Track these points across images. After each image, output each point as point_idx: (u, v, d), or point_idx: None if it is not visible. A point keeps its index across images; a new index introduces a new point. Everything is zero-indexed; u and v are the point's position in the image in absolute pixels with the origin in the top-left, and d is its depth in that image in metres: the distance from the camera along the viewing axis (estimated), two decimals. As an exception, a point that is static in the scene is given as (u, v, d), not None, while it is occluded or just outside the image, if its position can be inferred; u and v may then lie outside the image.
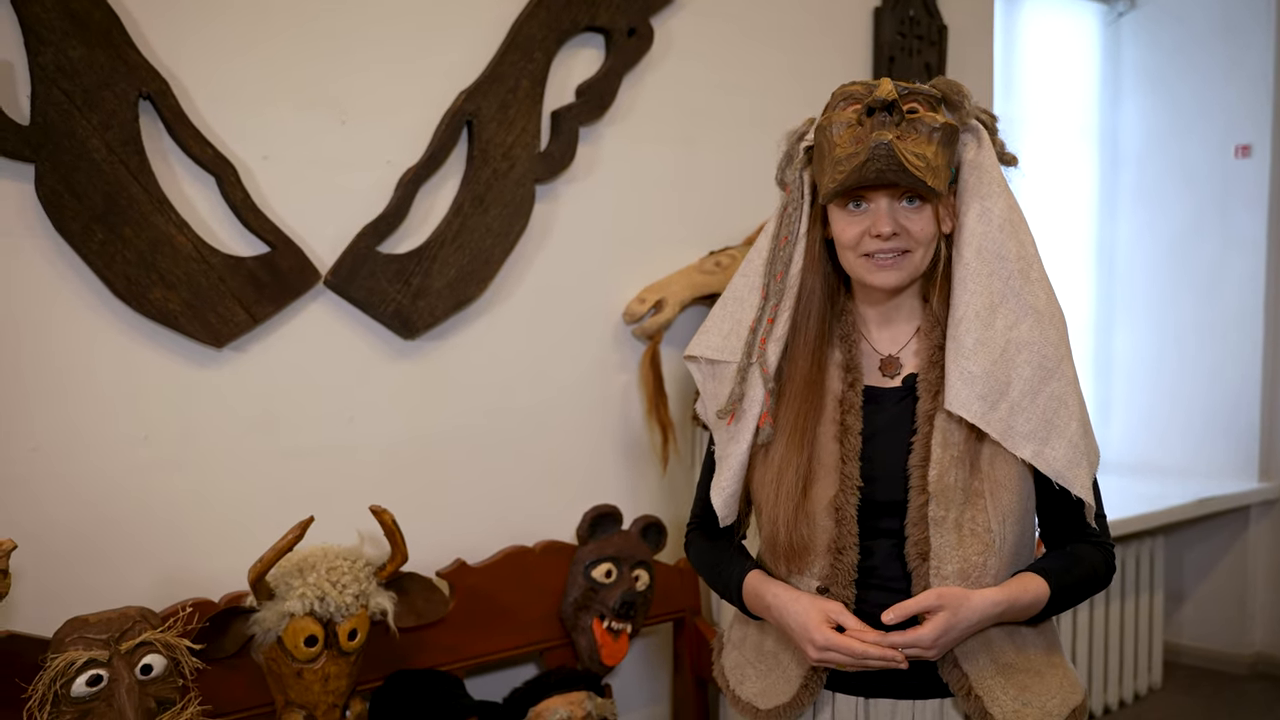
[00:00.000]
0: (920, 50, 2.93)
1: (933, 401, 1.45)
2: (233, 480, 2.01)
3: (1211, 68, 4.00)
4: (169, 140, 1.91)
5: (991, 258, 1.44)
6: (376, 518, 1.86)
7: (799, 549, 1.45)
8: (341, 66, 2.08)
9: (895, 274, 1.44)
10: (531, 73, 2.26)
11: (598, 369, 2.43)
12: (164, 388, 1.94)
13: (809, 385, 1.48)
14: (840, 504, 1.44)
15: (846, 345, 1.51)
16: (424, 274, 2.16)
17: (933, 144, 1.39)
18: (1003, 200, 1.46)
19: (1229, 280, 4.01)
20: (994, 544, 1.42)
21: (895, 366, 1.51)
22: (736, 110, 2.61)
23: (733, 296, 1.57)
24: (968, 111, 1.46)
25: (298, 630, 1.78)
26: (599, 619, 2.24)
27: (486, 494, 2.30)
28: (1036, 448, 1.41)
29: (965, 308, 1.43)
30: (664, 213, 2.51)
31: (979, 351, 1.41)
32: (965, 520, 1.42)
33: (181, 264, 1.91)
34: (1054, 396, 1.42)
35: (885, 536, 1.45)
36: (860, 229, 1.43)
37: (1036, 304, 1.44)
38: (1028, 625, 1.50)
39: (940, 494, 1.41)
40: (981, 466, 1.43)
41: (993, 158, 1.48)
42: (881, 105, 1.37)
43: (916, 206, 1.42)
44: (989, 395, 1.41)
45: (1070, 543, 1.52)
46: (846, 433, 1.46)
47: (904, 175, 1.35)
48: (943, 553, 1.41)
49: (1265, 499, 3.96)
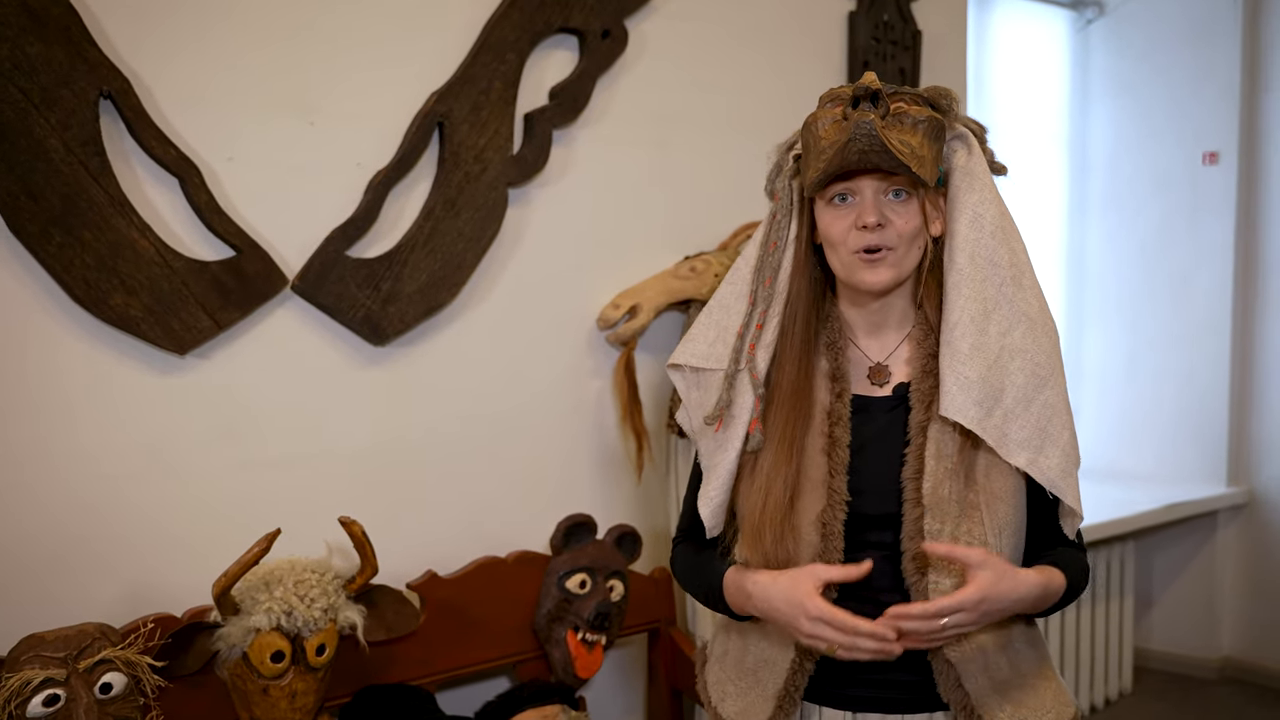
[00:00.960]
0: (894, 55, 2.92)
1: (925, 412, 1.43)
2: (196, 491, 1.96)
3: (1180, 75, 4.02)
4: (130, 141, 1.86)
5: (984, 264, 1.42)
6: (345, 529, 1.82)
7: (784, 563, 1.42)
8: (310, 66, 2.04)
9: (882, 272, 1.40)
10: (504, 74, 2.23)
11: (571, 375, 2.40)
12: (125, 396, 1.89)
13: (796, 394, 1.45)
14: (827, 519, 1.41)
15: (833, 353, 1.49)
16: (394, 279, 2.12)
17: (918, 134, 1.37)
18: (994, 207, 1.44)
19: (1198, 287, 4.03)
20: None
21: (884, 374, 1.48)
22: (711, 113, 2.59)
23: (719, 304, 1.55)
24: (955, 116, 1.45)
25: (264, 646, 1.73)
26: (573, 630, 2.21)
27: (458, 503, 2.27)
28: (1031, 456, 1.39)
29: (960, 313, 1.41)
30: (638, 217, 2.49)
31: (974, 357, 1.39)
32: (961, 534, 1.39)
33: (143, 268, 1.86)
34: (1047, 405, 1.41)
35: (875, 549, 1.42)
36: (847, 222, 1.41)
37: (1029, 311, 1.42)
38: (1020, 638, 1.48)
39: (935, 507, 1.39)
40: (977, 478, 1.41)
41: (983, 164, 1.46)
42: (865, 94, 1.35)
43: (903, 200, 1.40)
44: (984, 401, 1.38)
45: (1052, 547, 1.50)
46: (834, 445, 1.44)
47: (887, 157, 1.32)
48: (940, 566, 1.38)
49: (1233, 504, 3.98)
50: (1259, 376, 3.98)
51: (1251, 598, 3.98)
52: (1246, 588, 4.00)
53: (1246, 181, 3.96)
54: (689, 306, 2.45)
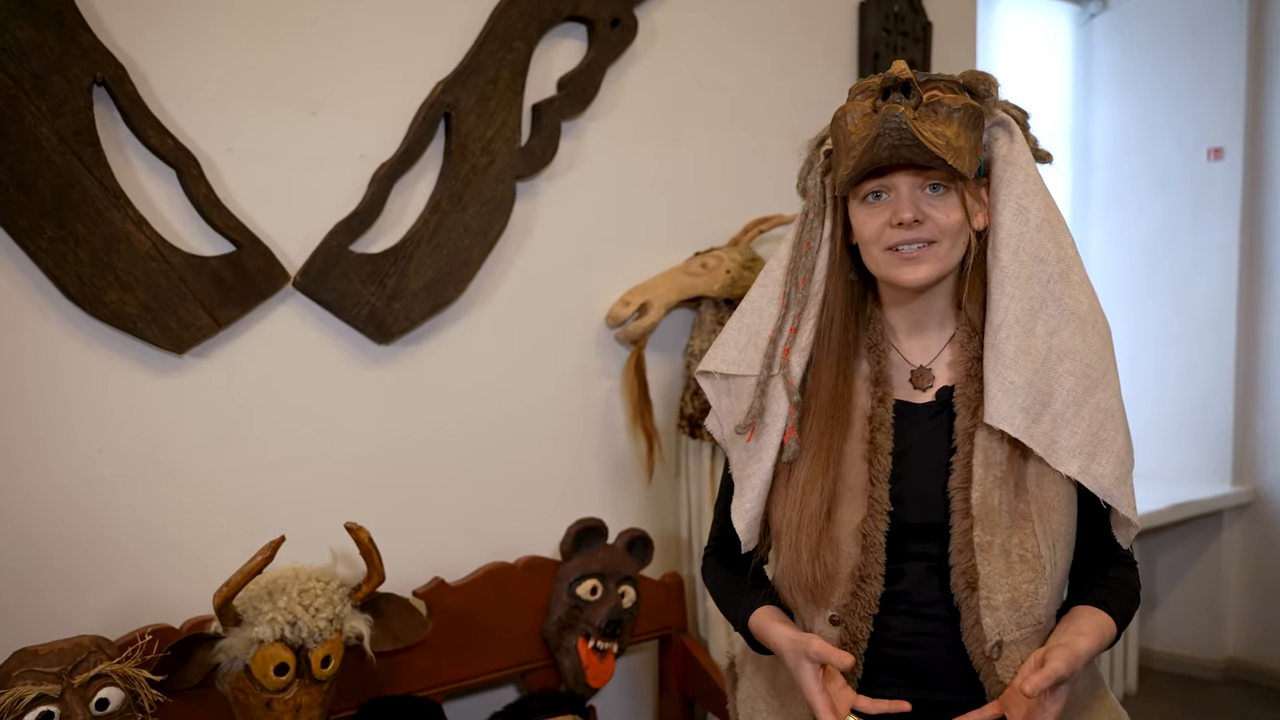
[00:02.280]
0: (905, 47, 2.87)
1: (972, 418, 1.36)
2: (196, 496, 1.89)
3: (1184, 69, 3.99)
4: (126, 130, 1.79)
5: (1030, 260, 1.35)
6: (352, 536, 1.76)
7: (820, 579, 1.36)
8: (312, 54, 1.97)
9: (923, 268, 1.34)
10: (512, 63, 2.16)
11: (580, 375, 2.34)
12: (121, 397, 1.81)
13: (835, 400, 1.40)
14: (868, 530, 1.36)
15: (875, 356, 1.43)
16: (399, 275, 2.05)
17: (953, 124, 1.30)
18: (1040, 199, 1.38)
19: (1201, 285, 4.00)
20: (1044, 570, 1.34)
21: (928, 379, 1.42)
22: (722, 105, 2.53)
23: (750, 308, 1.49)
24: (995, 101, 1.39)
25: (267, 658, 1.67)
26: (584, 638, 2.15)
27: (465, 508, 2.20)
28: (1083, 463, 1.33)
29: (1004, 313, 1.34)
30: (649, 212, 2.43)
31: (1020, 360, 1.33)
32: (1013, 546, 1.33)
33: (139, 264, 1.78)
34: (1100, 408, 1.35)
35: (918, 560, 1.37)
36: (881, 220, 1.35)
37: (1079, 310, 1.36)
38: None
39: (985, 517, 1.32)
40: (1028, 487, 1.34)
41: (1027, 153, 1.40)
42: (895, 84, 1.29)
43: (941, 194, 1.34)
44: (1031, 407, 1.32)
45: (1103, 565, 1.44)
46: (876, 452, 1.38)
47: (920, 151, 1.27)
48: (991, 581, 1.32)
49: (1238, 503, 3.96)
50: (1264, 374, 3.96)
51: (1256, 598, 3.96)
52: (1251, 588, 3.98)
53: (1251, 178, 3.93)
54: (700, 304, 2.40)
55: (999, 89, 1.40)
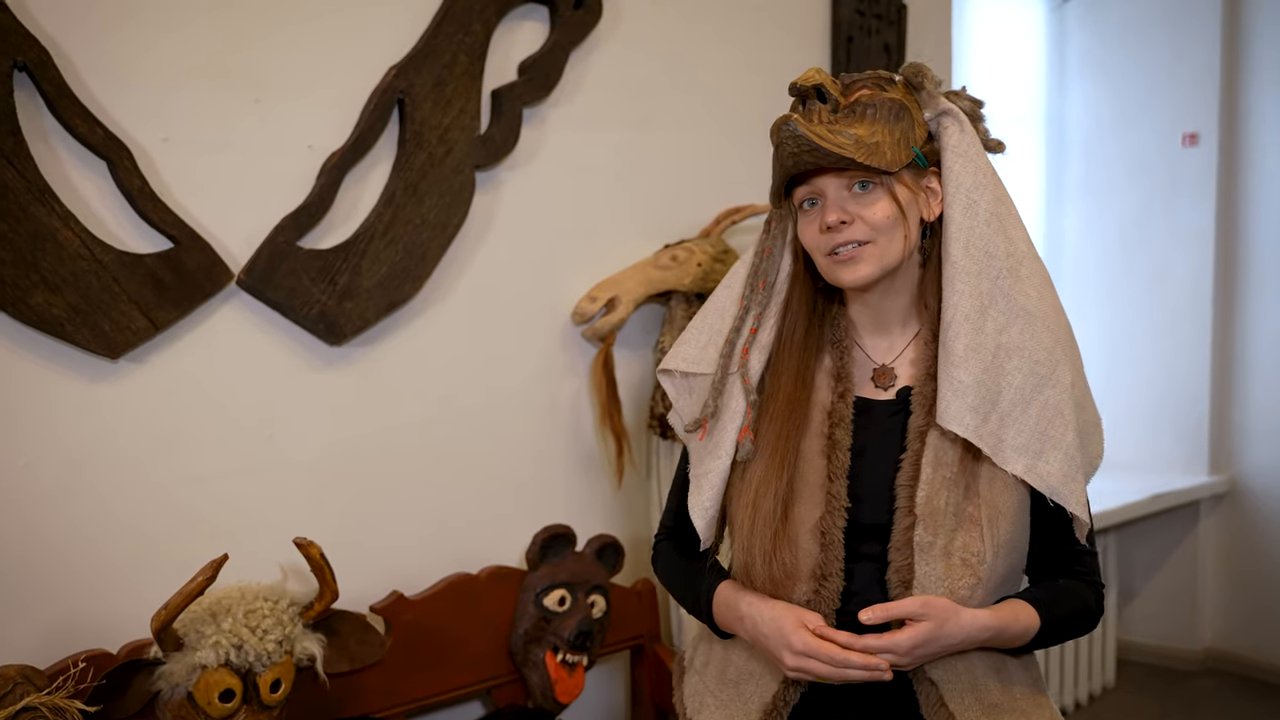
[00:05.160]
0: (879, 30, 2.79)
1: (926, 417, 1.36)
2: (132, 512, 1.79)
3: (1158, 54, 3.95)
4: (50, 119, 1.68)
5: (980, 255, 1.35)
6: (302, 552, 1.67)
7: (778, 578, 1.35)
8: (256, 36, 1.86)
9: (862, 267, 1.34)
10: (469, 46, 2.05)
11: (545, 374, 2.25)
12: (49, 406, 1.71)
13: (792, 402, 1.40)
14: (826, 527, 1.35)
15: (838, 352, 1.43)
16: (351, 272, 1.95)
17: (865, 121, 1.31)
18: (989, 191, 1.37)
19: (1177, 272, 3.97)
20: (984, 576, 1.32)
21: (889, 377, 1.42)
22: (691, 90, 2.44)
23: (713, 308, 1.51)
24: (930, 92, 1.38)
25: (212, 684, 1.59)
26: (552, 651, 2.07)
27: (424, 516, 2.11)
28: (1029, 462, 1.32)
29: (954, 310, 1.34)
30: (616, 202, 2.34)
31: (970, 359, 1.33)
32: (955, 548, 1.32)
33: (68, 263, 1.67)
34: (1047, 405, 1.34)
35: (868, 560, 1.36)
36: (816, 226, 1.36)
37: (1027, 305, 1.36)
38: (1014, 660, 1.42)
39: (928, 517, 1.32)
40: (979, 490, 1.34)
41: (977, 145, 1.39)
42: (798, 93, 1.33)
43: (869, 190, 1.34)
44: (980, 407, 1.32)
45: (1059, 576, 1.43)
46: (835, 448, 1.37)
47: (823, 155, 1.29)
48: (927, 582, 1.32)
49: (1215, 493, 3.94)
50: (1240, 363, 3.93)
51: (1233, 587, 3.95)
52: (1228, 578, 3.96)
53: (1227, 164, 3.89)
54: (670, 298, 2.31)
55: (932, 79, 1.39)
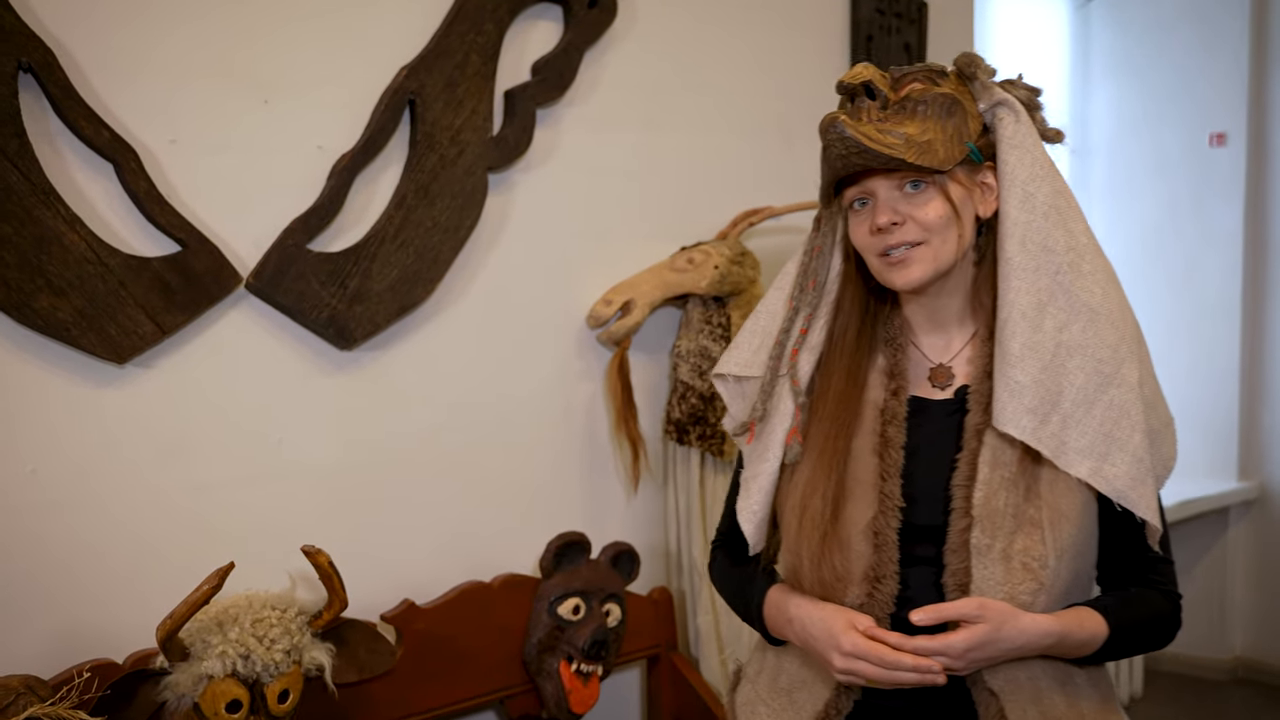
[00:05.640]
0: (899, 29, 2.75)
1: (983, 415, 1.32)
2: (138, 519, 1.76)
3: (1184, 53, 3.89)
4: (56, 120, 1.65)
5: (1037, 249, 1.30)
6: (310, 560, 1.64)
7: (828, 581, 1.31)
8: (265, 37, 1.84)
9: (914, 269, 1.31)
10: (482, 46, 2.02)
11: (559, 379, 2.21)
12: (55, 412, 1.68)
13: (842, 401, 1.36)
14: (879, 527, 1.31)
15: (893, 350, 1.39)
16: (362, 275, 1.92)
17: (916, 119, 1.28)
18: (1048, 183, 1.32)
19: (1205, 274, 3.90)
20: (1047, 581, 1.27)
21: (946, 376, 1.38)
22: (707, 90, 2.40)
23: (765, 310, 1.48)
24: (984, 83, 1.34)
25: (218, 695, 1.56)
26: (566, 661, 2.03)
27: (436, 524, 2.07)
28: (1094, 464, 1.27)
29: (1010, 308, 1.29)
30: (631, 204, 2.30)
31: (1026, 358, 1.28)
32: (1015, 551, 1.27)
33: (73, 266, 1.65)
34: (1112, 406, 1.29)
35: (924, 564, 1.31)
36: (866, 227, 1.33)
37: (1090, 301, 1.30)
38: (1081, 672, 1.36)
39: (986, 519, 1.27)
40: (1040, 491, 1.28)
41: (1034, 135, 1.34)
42: (846, 90, 1.29)
43: (921, 190, 1.30)
44: (1039, 408, 1.27)
45: (1132, 584, 1.37)
46: (887, 446, 1.33)
47: (872, 156, 1.25)
48: (986, 586, 1.27)
49: (1244, 499, 3.87)
50: (1270, 366, 3.86)
51: (1263, 596, 3.88)
52: (1258, 586, 3.89)
53: (1256, 163, 3.82)
54: (687, 301, 2.27)
55: (986, 69, 1.35)
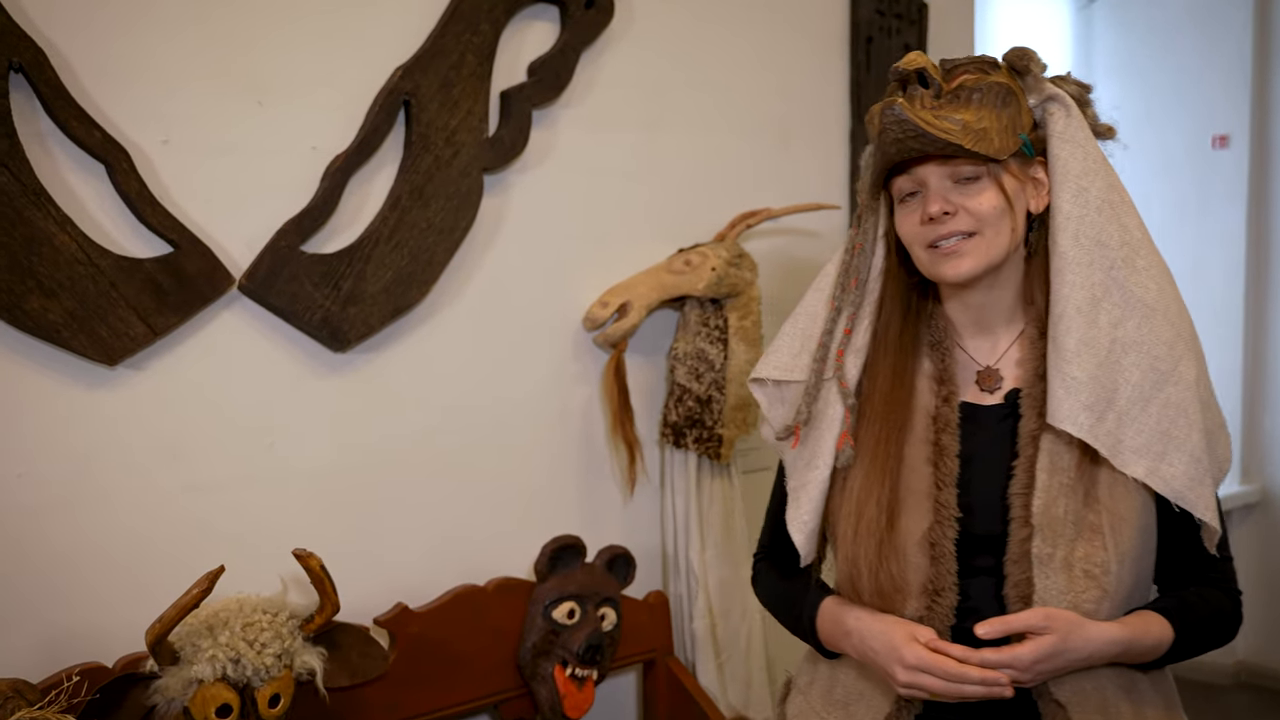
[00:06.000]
0: (899, 30, 2.73)
1: (1038, 420, 1.29)
2: (131, 522, 1.74)
3: (1187, 54, 3.87)
4: (47, 120, 1.64)
5: (1091, 244, 1.28)
6: (301, 564, 1.62)
7: (886, 591, 1.29)
8: (258, 36, 1.82)
9: (966, 261, 1.28)
10: (478, 47, 2.01)
11: (555, 382, 2.19)
12: (45, 414, 1.67)
13: (890, 404, 1.33)
14: (936, 538, 1.28)
15: (938, 354, 1.36)
16: (356, 276, 1.91)
17: (972, 107, 1.25)
18: (1101, 178, 1.30)
19: (1208, 276, 3.88)
20: (1110, 587, 1.24)
21: (994, 379, 1.35)
22: (705, 91, 2.38)
23: (803, 312, 1.45)
24: (1036, 76, 1.31)
25: (208, 699, 1.55)
26: (561, 665, 2.01)
27: (430, 527, 2.05)
28: (1151, 464, 1.24)
29: (1065, 303, 1.27)
30: (628, 206, 2.28)
31: (1082, 353, 1.25)
32: (1077, 559, 1.24)
33: (64, 267, 1.63)
34: (1169, 404, 1.26)
35: (985, 574, 1.29)
36: (916, 218, 1.31)
37: (1145, 297, 1.27)
38: (1144, 678, 1.33)
39: (1046, 527, 1.25)
40: (1099, 496, 1.26)
41: (1086, 130, 1.33)
42: (900, 76, 1.26)
43: (974, 181, 1.28)
44: (1095, 405, 1.24)
45: (1191, 584, 1.35)
46: (942, 454, 1.31)
47: (928, 141, 1.22)
48: (1049, 596, 1.25)
49: (1247, 502, 3.85)
50: (1272, 369, 3.84)
51: (1265, 599, 3.84)
52: (1260, 589, 3.86)
53: (1258, 165, 3.81)
54: (684, 303, 2.25)
55: (1039, 63, 1.32)
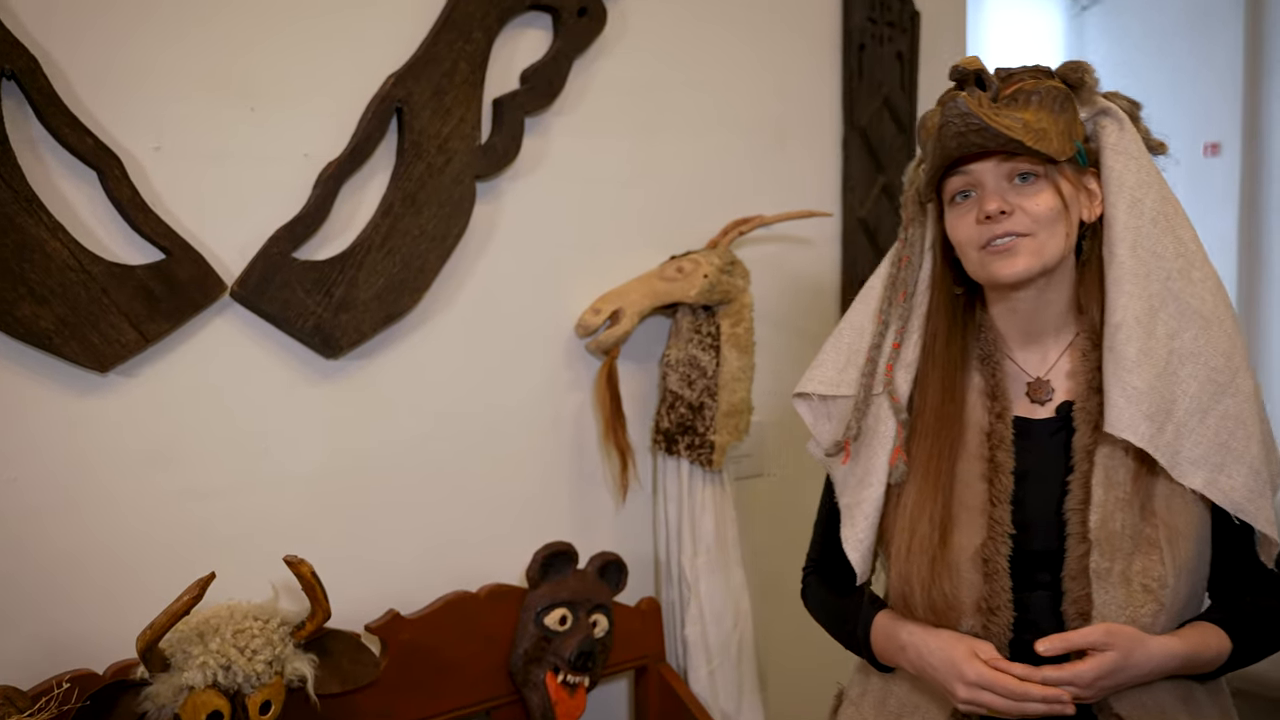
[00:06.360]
0: (891, 38, 2.73)
1: (1092, 434, 1.28)
2: (121, 528, 1.74)
3: (1179, 63, 3.88)
4: (39, 127, 1.63)
5: (1147, 255, 1.27)
6: (292, 570, 1.62)
7: (940, 608, 1.28)
8: (251, 43, 1.82)
9: (1020, 260, 1.27)
10: (470, 54, 2.01)
11: (547, 388, 2.19)
12: (36, 421, 1.66)
13: (942, 418, 1.33)
14: (989, 554, 1.28)
15: (989, 367, 1.35)
16: (348, 284, 1.90)
17: (1030, 107, 1.25)
18: (1155, 190, 1.30)
19: (1200, 283, 3.88)
20: (1167, 601, 1.24)
21: (1045, 391, 1.35)
22: (698, 99, 2.38)
23: (849, 326, 1.44)
24: (1090, 90, 1.32)
25: (199, 706, 1.55)
26: (553, 672, 2.01)
27: (422, 533, 2.05)
28: (1209, 475, 1.24)
29: (1123, 312, 1.26)
30: (620, 213, 2.28)
31: (1143, 364, 1.24)
32: (1134, 573, 1.24)
33: (55, 274, 1.63)
34: (1227, 415, 1.25)
35: (1042, 589, 1.29)
36: (971, 218, 1.30)
37: (1202, 309, 1.27)
38: (1200, 688, 1.33)
39: (1104, 542, 1.24)
40: (1156, 509, 1.25)
41: (1139, 143, 1.32)
42: (960, 75, 1.25)
43: (1031, 182, 1.28)
44: (1155, 415, 1.23)
45: (1244, 593, 1.34)
46: (997, 471, 1.30)
47: (990, 135, 1.21)
48: (1107, 611, 1.25)
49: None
50: (1262, 372, 3.85)
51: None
52: (1253, 597, 3.86)
53: (1250, 173, 3.82)
54: (676, 310, 2.25)
55: (1093, 77, 1.32)
